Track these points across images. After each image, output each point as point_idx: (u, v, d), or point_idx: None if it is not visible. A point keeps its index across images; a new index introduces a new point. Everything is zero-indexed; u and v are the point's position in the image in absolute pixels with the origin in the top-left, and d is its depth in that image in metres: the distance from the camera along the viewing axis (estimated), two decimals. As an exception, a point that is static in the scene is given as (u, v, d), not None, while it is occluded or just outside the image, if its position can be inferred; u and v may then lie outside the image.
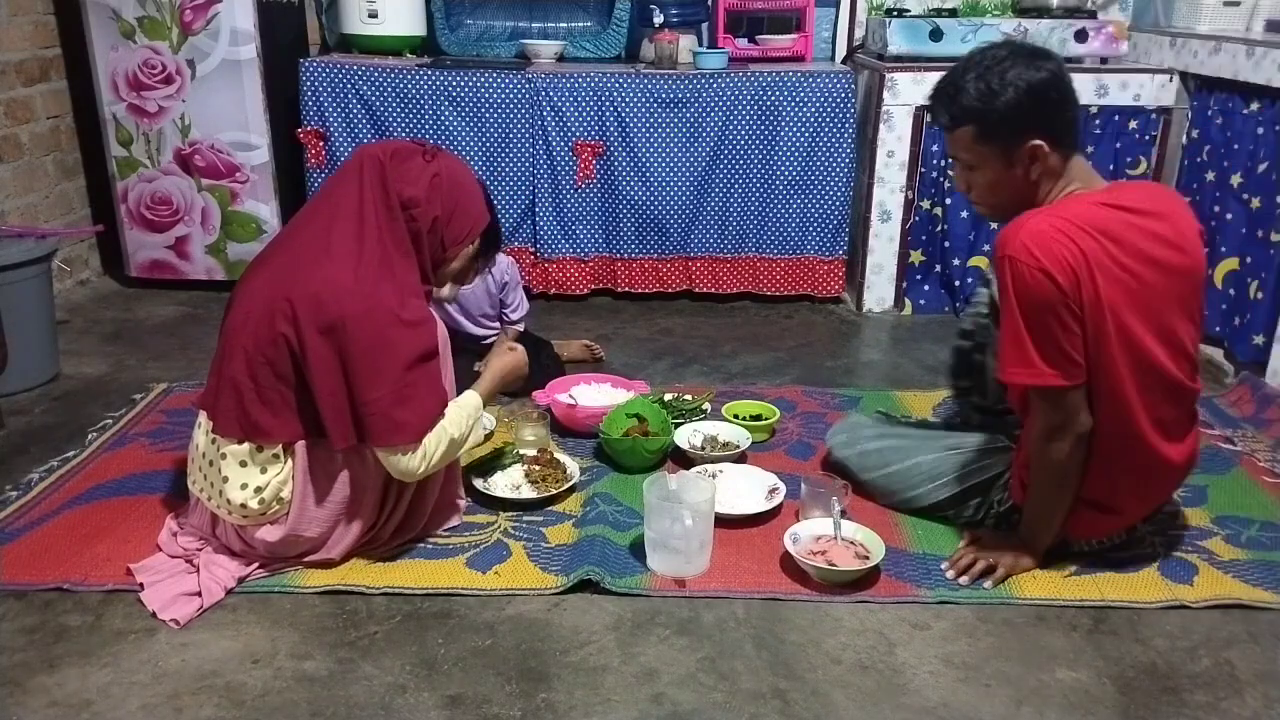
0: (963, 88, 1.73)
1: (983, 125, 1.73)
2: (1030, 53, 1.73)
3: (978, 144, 1.76)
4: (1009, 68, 1.70)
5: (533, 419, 2.43)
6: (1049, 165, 1.75)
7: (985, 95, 1.70)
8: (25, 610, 1.82)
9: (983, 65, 1.72)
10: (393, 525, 1.98)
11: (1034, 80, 1.69)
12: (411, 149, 1.90)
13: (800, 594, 1.89)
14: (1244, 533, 2.11)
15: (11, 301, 2.64)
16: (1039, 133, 1.72)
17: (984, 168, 1.78)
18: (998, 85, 1.69)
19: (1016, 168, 1.75)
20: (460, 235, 1.95)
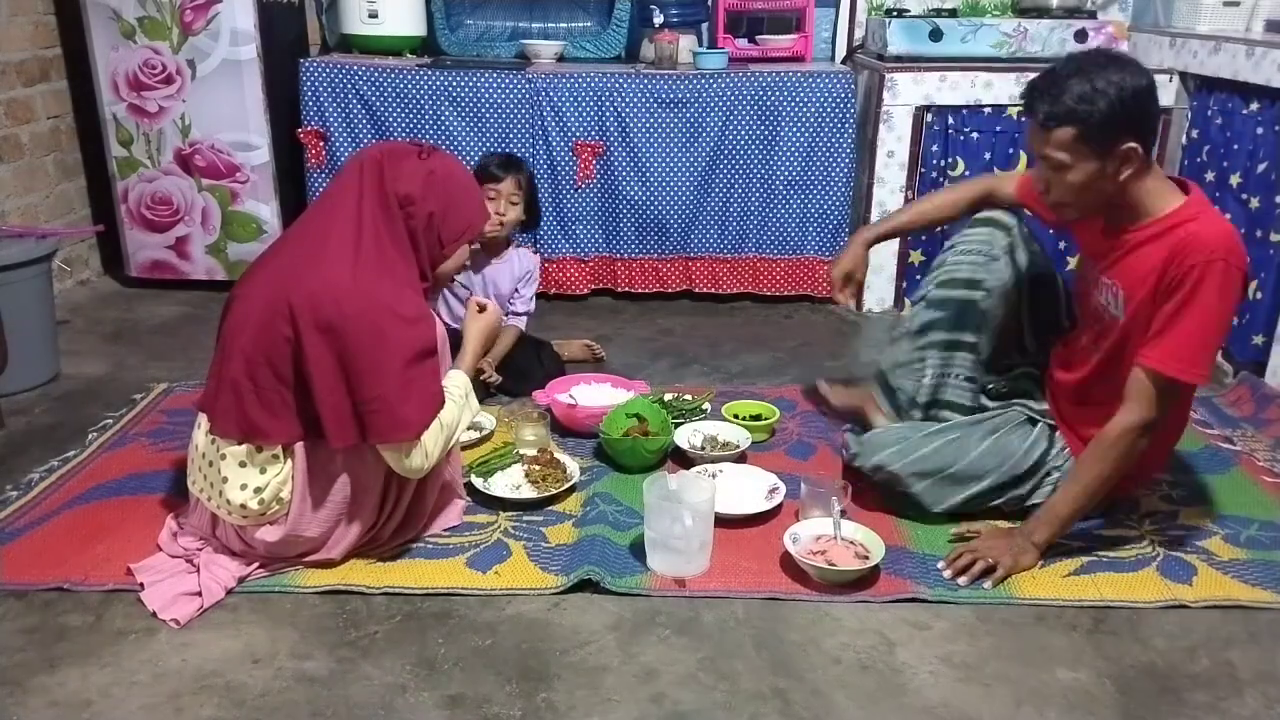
0: (1066, 88, 1.75)
1: (1085, 126, 1.75)
2: (1127, 61, 1.79)
3: (1076, 144, 1.78)
4: (1112, 73, 1.74)
5: (533, 419, 2.43)
6: (1138, 169, 1.80)
7: (1090, 97, 1.73)
8: (25, 610, 1.82)
9: (1085, 69, 1.75)
10: (393, 525, 1.98)
11: (1137, 86, 1.74)
12: (407, 149, 1.91)
13: (800, 594, 1.89)
14: (1243, 532, 2.11)
15: (11, 301, 2.64)
16: (1135, 136, 1.76)
17: (1077, 168, 1.80)
18: (1103, 87, 1.73)
19: (1108, 169, 1.79)
20: (457, 232, 1.95)
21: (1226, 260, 1.76)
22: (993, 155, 3.41)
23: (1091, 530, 2.11)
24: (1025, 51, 3.43)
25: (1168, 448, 2.09)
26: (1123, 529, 2.12)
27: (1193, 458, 2.44)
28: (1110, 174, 1.80)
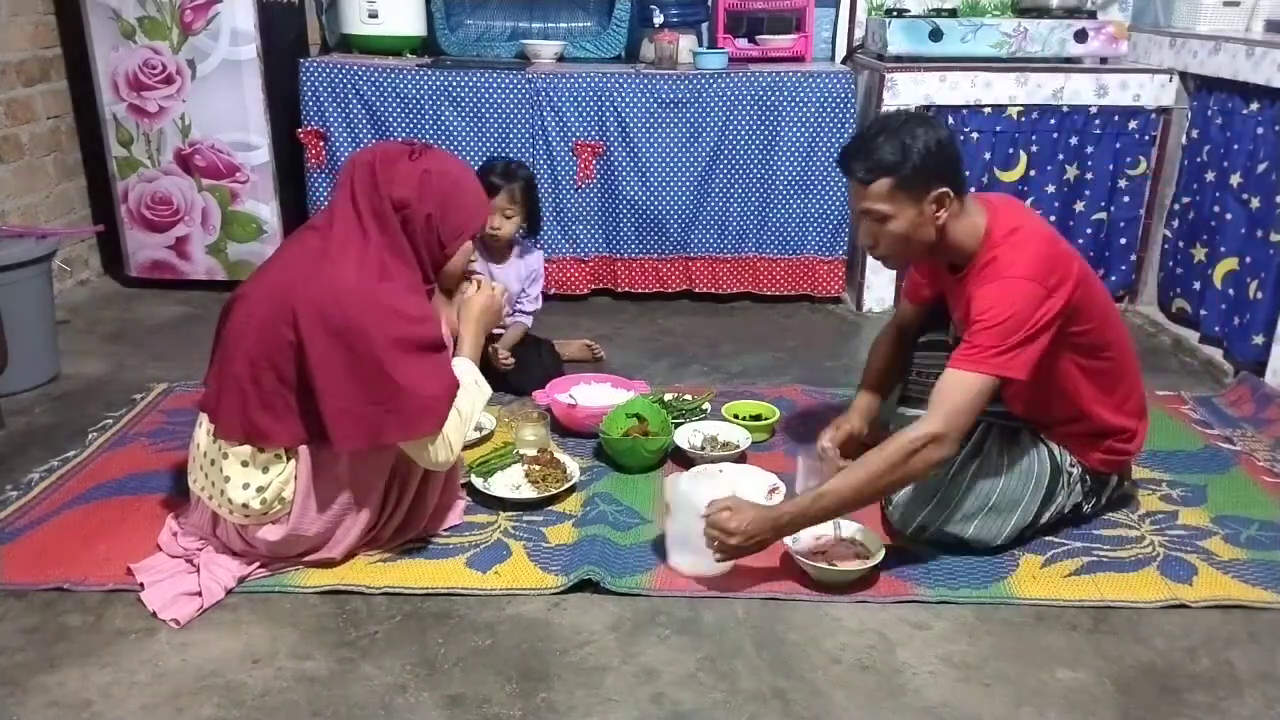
0: (878, 146, 1.90)
1: (900, 176, 1.89)
2: (925, 117, 1.97)
3: (894, 193, 1.91)
4: (915, 126, 1.90)
5: (533, 419, 2.43)
6: (952, 211, 1.93)
7: (901, 150, 1.88)
8: (25, 610, 1.82)
9: (891, 127, 1.91)
10: (393, 525, 1.98)
11: (940, 137, 1.90)
12: (400, 150, 1.89)
13: (800, 594, 1.89)
14: (1243, 532, 2.11)
15: (11, 301, 2.63)
16: (946, 181, 1.91)
17: (899, 217, 1.93)
18: (909, 140, 1.88)
19: (926, 214, 1.92)
20: (457, 231, 1.94)
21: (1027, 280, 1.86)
22: (992, 155, 3.41)
23: (1091, 530, 2.11)
24: (1025, 51, 3.43)
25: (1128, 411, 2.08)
26: (1123, 529, 2.12)
27: (1193, 458, 2.45)
28: (929, 218, 1.92)
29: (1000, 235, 1.94)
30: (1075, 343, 1.96)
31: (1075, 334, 1.95)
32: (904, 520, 2.04)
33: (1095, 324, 1.97)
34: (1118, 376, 2.05)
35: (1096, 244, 3.53)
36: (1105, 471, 2.11)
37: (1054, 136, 3.40)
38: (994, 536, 2.01)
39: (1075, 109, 3.38)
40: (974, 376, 1.84)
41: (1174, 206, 3.40)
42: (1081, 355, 1.99)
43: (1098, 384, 2.03)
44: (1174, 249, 3.39)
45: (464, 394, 1.90)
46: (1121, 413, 2.07)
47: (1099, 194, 3.47)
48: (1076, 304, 1.91)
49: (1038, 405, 2.05)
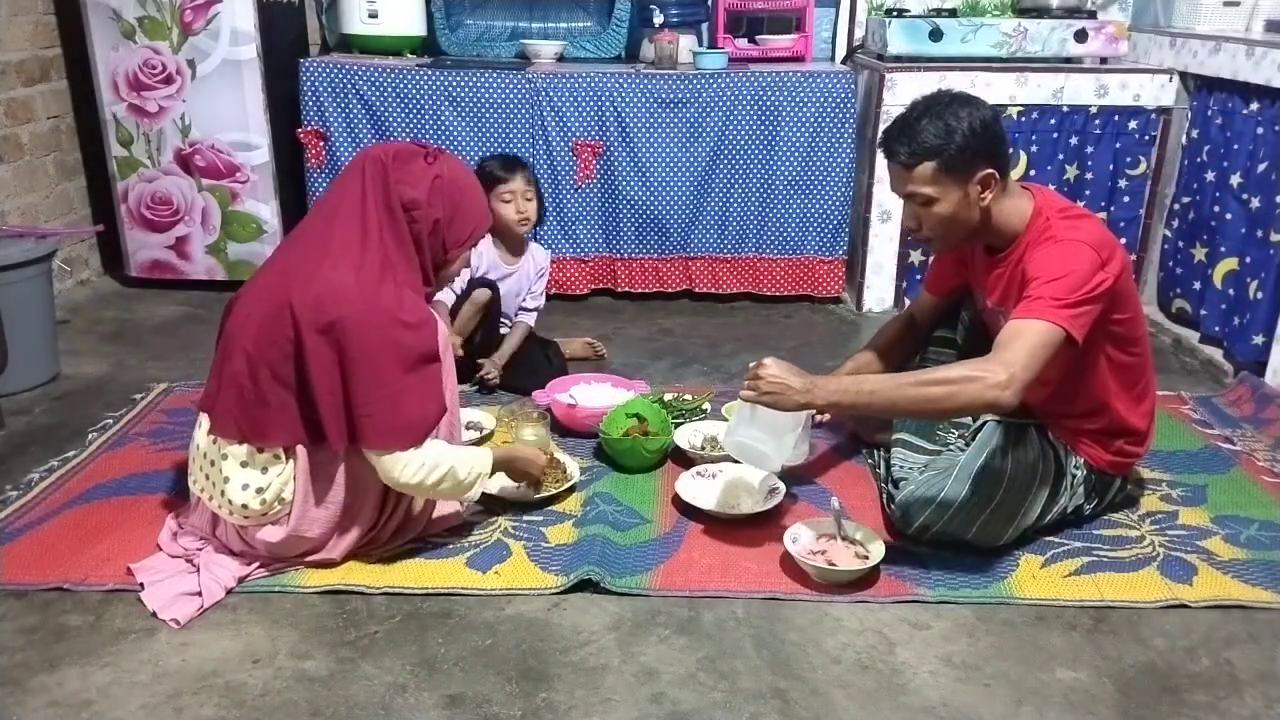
0: (920, 128, 1.88)
1: (944, 158, 1.87)
2: (970, 97, 1.93)
3: (938, 176, 1.89)
4: (959, 108, 1.88)
5: (533, 419, 2.42)
6: (997, 192, 1.92)
7: (944, 132, 1.86)
8: (25, 610, 1.82)
9: (933, 108, 1.89)
10: (393, 525, 1.98)
11: (984, 117, 1.88)
12: (414, 151, 1.90)
13: (800, 594, 1.89)
14: (1243, 532, 2.11)
15: (11, 301, 2.64)
16: (990, 162, 1.89)
17: (943, 200, 1.91)
18: (954, 122, 1.86)
19: (971, 196, 1.91)
20: (461, 237, 1.95)
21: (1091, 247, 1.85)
22: (993, 155, 3.41)
23: (1091, 530, 2.11)
24: (1025, 51, 3.43)
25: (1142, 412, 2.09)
26: (1123, 529, 2.13)
27: (1193, 458, 2.45)
28: (974, 200, 1.91)
29: (1054, 211, 1.93)
30: (1112, 331, 1.96)
31: (1115, 321, 1.94)
32: (906, 520, 2.03)
33: (1132, 314, 1.98)
34: (1140, 373, 2.05)
35: (1096, 244, 3.53)
36: (1111, 473, 2.11)
37: (1054, 136, 3.40)
38: (996, 537, 2.00)
39: (1075, 109, 3.38)
40: (1040, 324, 1.78)
41: (1174, 206, 3.40)
42: (1115, 346, 1.99)
43: (1122, 379, 2.03)
44: (1174, 249, 3.39)
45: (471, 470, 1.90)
46: (1137, 412, 2.07)
47: (1099, 194, 3.47)
48: (1121, 288, 1.90)
49: (1063, 393, 2.02)
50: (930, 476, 2.02)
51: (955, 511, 1.98)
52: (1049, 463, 2.05)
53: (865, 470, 2.38)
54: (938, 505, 1.99)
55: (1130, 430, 2.08)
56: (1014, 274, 1.95)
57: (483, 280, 2.79)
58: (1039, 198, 1.97)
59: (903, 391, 1.81)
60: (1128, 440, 2.08)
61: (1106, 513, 2.17)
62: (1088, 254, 1.84)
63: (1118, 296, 1.91)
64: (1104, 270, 1.85)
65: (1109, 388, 2.02)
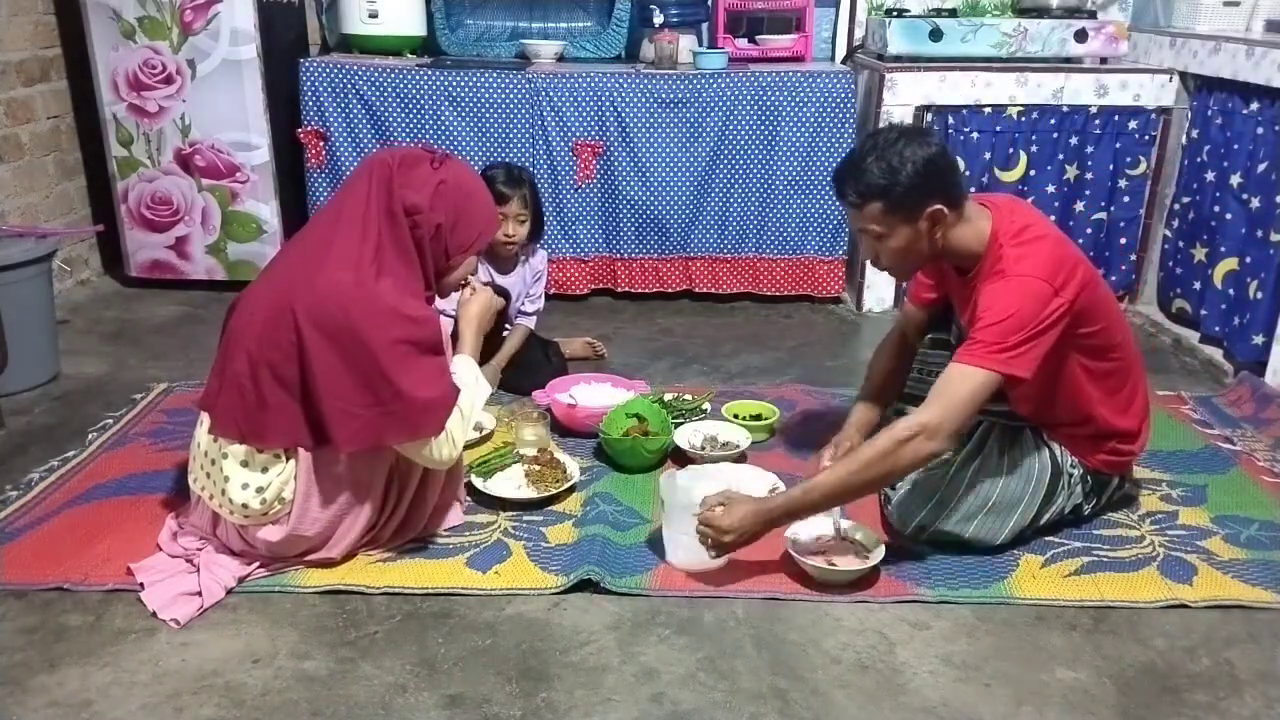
0: (866, 169, 1.91)
1: (889, 199, 1.90)
2: (917, 131, 1.97)
3: (886, 215, 1.93)
4: (904, 147, 1.89)
5: (533, 419, 2.43)
6: (949, 223, 1.93)
7: (888, 173, 1.89)
8: (25, 610, 1.82)
9: (879, 148, 1.91)
10: (393, 525, 1.99)
11: (929, 154, 1.89)
12: (420, 156, 1.90)
13: (800, 594, 1.89)
14: (1243, 532, 2.11)
15: (11, 301, 2.63)
16: (938, 198, 1.91)
17: (894, 235, 1.95)
18: (897, 162, 1.88)
19: (922, 230, 1.93)
20: (465, 244, 1.94)
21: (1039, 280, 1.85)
22: (992, 155, 3.41)
23: (1091, 530, 2.11)
24: (1025, 52, 3.43)
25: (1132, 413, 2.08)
26: (1123, 529, 2.13)
27: (1193, 458, 2.45)
28: (925, 233, 1.94)
29: (1007, 236, 1.93)
30: (1083, 344, 1.96)
31: (1083, 335, 1.94)
32: (903, 519, 2.03)
33: (1102, 325, 1.97)
34: (1123, 378, 2.05)
35: (1096, 244, 3.53)
36: (1107, 473, 2.11)
37: (1054, 136, 3.40)
38: (993, 536, 2.01)
39: (1075, 109, 3.38)
40: (975, 371, 1.83)
41: (1174, 206, 3.40)
42: (1088, 357, 1.98)
43: (1103, 386, 2.03)
44: (1174, 249, 3.39)
45: (465, 391, 1.90)
46: (1126, 415, 2.07)
47: (1099, 194, 3.47)
48: (1083, 306, 1.90)
49: (1043, 406, 2.05)
50: (926, 477, 2.02)
51: (951, 511, 1.99)
52: (1045, 463, 2.05)
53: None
54: (934, 505, 2.00)
55: (1120, 432, 2.07)
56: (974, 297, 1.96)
57: (494, 286, 2.78)
58: (996, 218, 1.96)
59: (846, 483, 1.85)
60: (1120, 440, 2.08)
61: (1105, 512, 2.17)
62: (1034, 288, 1.85)
63: (1083, 313, 1.91)
64: (1058, 297, 1.85)
65: (1091, 396, 2.02)
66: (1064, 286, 1.86)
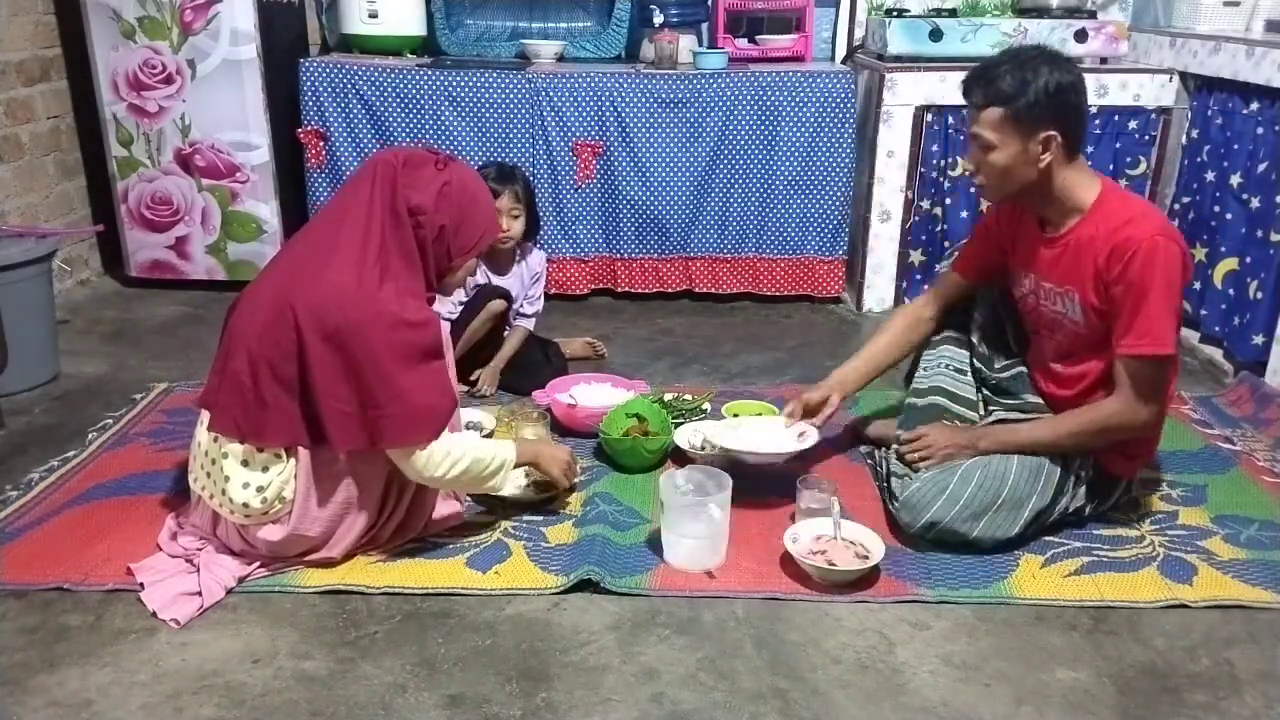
0: (999, 74, 1.92)
1: (1011, 108, 1.91)
2: (1061, 59, 1.94)
3: (1002, 124, 1.93)
4: (1041, 64, 1.90)
5: (533, 419, 2.43)
6: (1058, 158, 1.93)
7: (1019, 84, 1.89)
8: (25, 610, 1.82)
9: (1019, 59, 1.92)
10: (393, 525, 1.99)
11: (1063, 81, 1.90)
12: (425, 157, 1.90)
13: (800, 594, 1.89)
14: (1243, 532, 2.11)
15: (11, 301, 2.63)
16: (1057, 125, 1.91)
17: (1002, 149, 1.95)
18: (1031, 77, 1.89)
19: (1030, 153, 1.93)
20: (467, 245, 1.95)
21: (1165, 237, 1.88)
22: (993, 155, 3.41)
23: (1091, 530, 2.11)
24: (1025, 51, 3.43)
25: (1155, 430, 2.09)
26: (1123, 529, 2.12)
27: (1193, 458, 2.45)
28: (1032, 158, 1.93)
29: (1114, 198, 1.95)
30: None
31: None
32: (913, 516, 2.01)
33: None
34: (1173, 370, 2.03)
35: (1096, 244, 3.53)
36: (1119, 476, 2.10)
37: (1054, 136, 3.40)
38: (1001, 534, 2.00)
39: (1075, 109, 3.37)
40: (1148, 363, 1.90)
41: (1174, 206, 3.40)
42: None
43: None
44: (1174, 249, 3.38)
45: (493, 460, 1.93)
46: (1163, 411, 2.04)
47: (1099, 194, 3.47)
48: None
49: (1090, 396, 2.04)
50: (936, 474, 2.02)
51: (962, 508, 1.98)
52: (1054, 462, 2.04)
53: (865, 470, 2.38)
54: (945, 500, 1.98)
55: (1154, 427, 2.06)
56: (1077, 255, 1.95)
57: (495, 289, 2.79)
58: (1104, 185, 1.98)
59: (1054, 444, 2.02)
60: (1139, 443, 2.08)
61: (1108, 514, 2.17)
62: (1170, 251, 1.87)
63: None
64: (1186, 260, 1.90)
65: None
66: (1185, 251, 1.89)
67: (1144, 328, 1.88)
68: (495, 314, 2.76)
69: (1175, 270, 1.87)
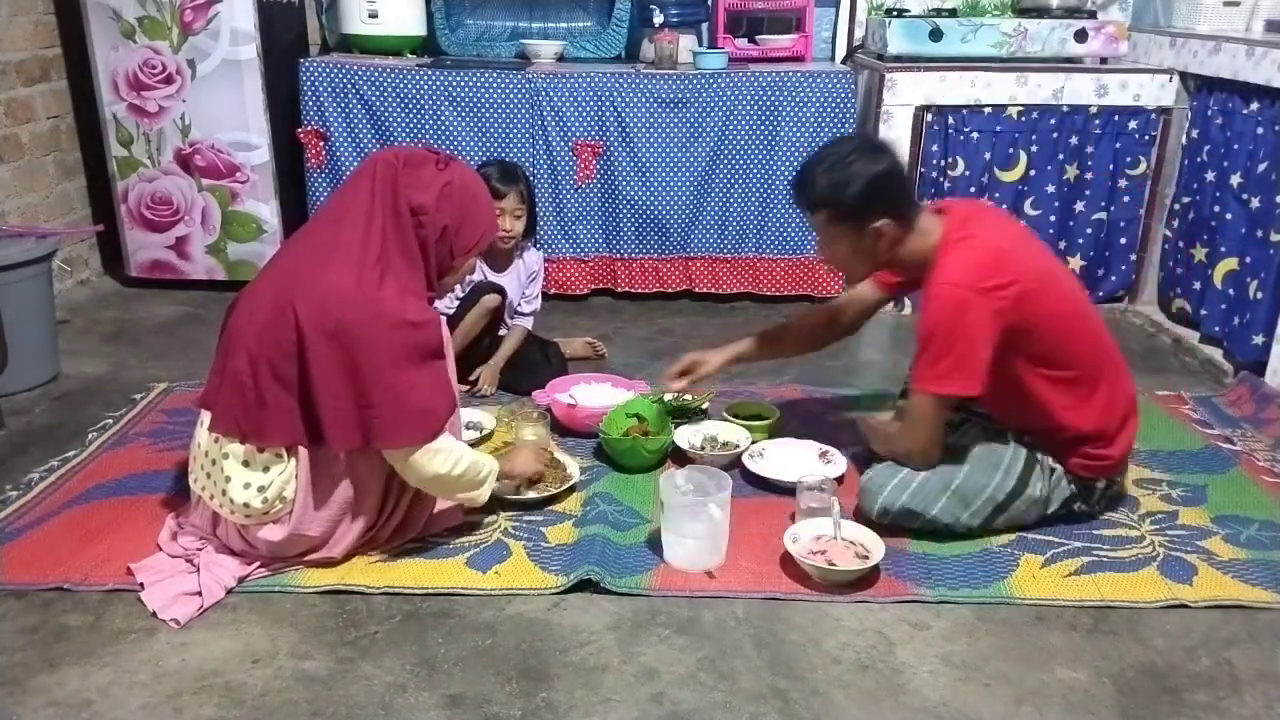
0: (817, 179, 1.98)
1: (834, 211, 1.99)
2: (875, 147, 2.02)
3: (830, 226, 2.02)
4: (854, 162, 1.95)
5: (533, 419, 2.42)
6: (896, 236, 1.99)
7: (835, 187, 1.96)
8: (25, 610, 1.82)
9: (834, 159, 1.97)
10: (393, 525, 1.99)
11: (877, 171, 1.95)
12: (425, 157, 1.91)
13: (800, 594, 1.89)
14: (1243, 532, 2.11)
15: (11, 301, 2.63)
16: (884, 214, 1.97)
17: (839, 245, 2.04)
18: (845, 178, 1.95)
19: (866, 244, 2.01)
20: (468, 245, 1.95)
21: (955, 286, 1.90)
22: (992, 155, 3.41)
23: (1092, 530, 2.11)
24: (1025, 51, 3.43)
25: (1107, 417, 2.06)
26: (1123, 529, 2.12)
27: (1193, 458, 2.45)
28: (869, 247, 2.01)
29: (948, 242, 1.98)
30: (1032, 353, 1.98)
31: (1031, 344, 1.96)
32: (869, 503, 2.06)
33: (1049, 337, 1.97)
34: (1090, 385, 2.03)
35: (1096, 244, 3.53)
36: (1086, 476, 2.10)
37: (1054, 136, 3.40)
38: (962, 520, 2.03)
39: (1075, 109, 3.38)
40: (920, 398, 1.98)
41: (1174, 206, 3.40)
42: (1043, 365, 1.99)
43: (1068, 394, 2.02)
44: (1174, 249, 3.39)
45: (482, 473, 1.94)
46: (1098, 421, 2.05)
47: (1099, 194, 3.47)
48: (1020, 318, 1.91)
49: (1011, 414, 2.09)
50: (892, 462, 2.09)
51: (913, 493, 2.02)
52: (1017, 453, 2.06)
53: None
54: (896, 484, 2.03)
55: (1093, 436, 2.05)
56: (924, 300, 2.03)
57: (490, 285, 2.79)
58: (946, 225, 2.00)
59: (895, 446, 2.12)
60: (1093, 445, 2.06)
61: (1105, 511, 2.17)
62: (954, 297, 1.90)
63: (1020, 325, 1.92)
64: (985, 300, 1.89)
65: (1054, 403, 2.02)
66: (995, 289, 1.89)
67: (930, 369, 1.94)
68: (489, 309, 2.76)
69: (965, 317, 1.88)
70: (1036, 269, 1.99)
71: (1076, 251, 3.54)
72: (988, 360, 1.91)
